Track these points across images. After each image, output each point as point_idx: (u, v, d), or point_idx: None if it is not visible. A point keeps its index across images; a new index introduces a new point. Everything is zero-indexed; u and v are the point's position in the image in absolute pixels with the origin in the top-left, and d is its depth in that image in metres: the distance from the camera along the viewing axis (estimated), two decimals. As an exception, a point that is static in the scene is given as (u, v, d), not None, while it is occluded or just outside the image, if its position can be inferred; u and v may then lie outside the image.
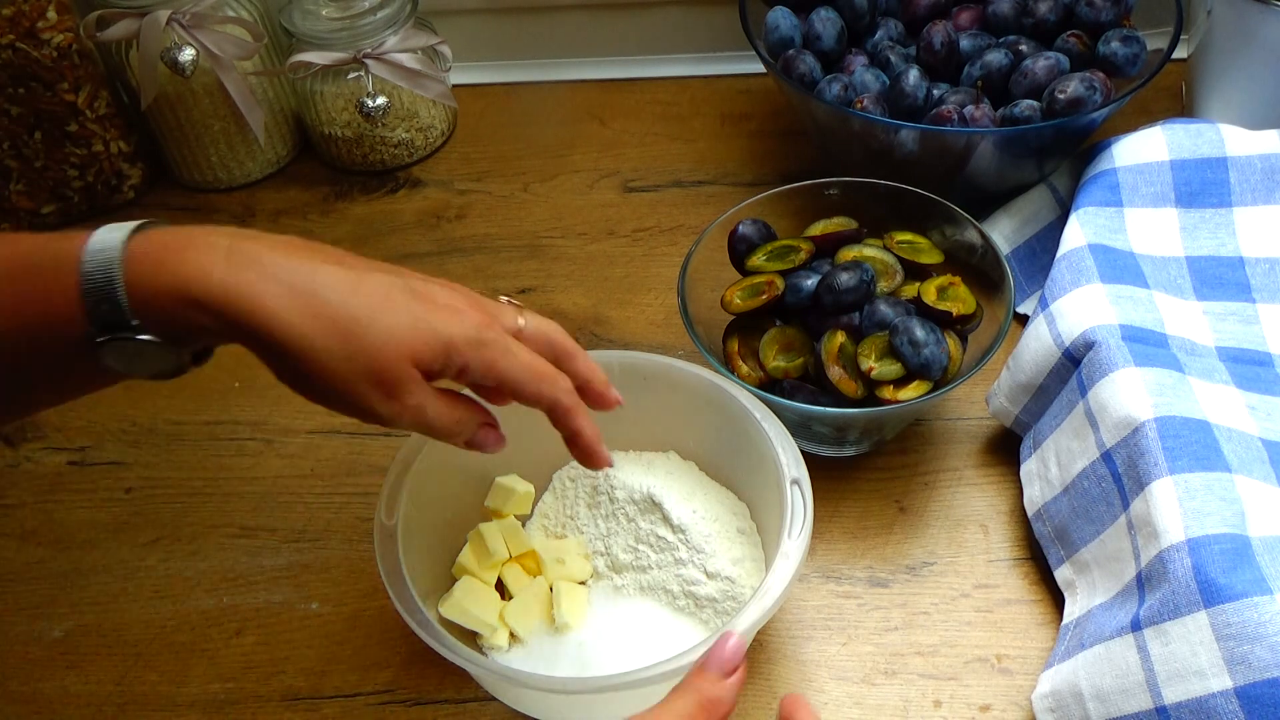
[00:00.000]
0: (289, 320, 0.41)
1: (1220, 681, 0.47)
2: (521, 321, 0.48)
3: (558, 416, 0.48)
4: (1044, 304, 0.64)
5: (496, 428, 0.48)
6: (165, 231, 0.42)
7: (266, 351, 0.42)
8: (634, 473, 0.63)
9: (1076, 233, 0.66)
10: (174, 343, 0.42)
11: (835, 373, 0.62)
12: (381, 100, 0.87)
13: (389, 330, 0.42)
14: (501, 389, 0.47)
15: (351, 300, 0.42)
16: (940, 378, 0.62)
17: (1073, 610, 0.58)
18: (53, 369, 0.44)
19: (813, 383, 0.64)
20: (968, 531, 0.65)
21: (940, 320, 0.63)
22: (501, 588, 0.61)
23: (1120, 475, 0.55)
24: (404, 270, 0.46)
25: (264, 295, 0.41)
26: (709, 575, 0.59)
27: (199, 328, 0.41)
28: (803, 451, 0.68)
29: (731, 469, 0.64)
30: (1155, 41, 0.75)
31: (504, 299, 0.50)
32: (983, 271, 0.66)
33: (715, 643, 0.43)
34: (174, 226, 0.43)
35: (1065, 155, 0.75)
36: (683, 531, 0.60)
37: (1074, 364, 0.61)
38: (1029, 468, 0.63)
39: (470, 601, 0.58)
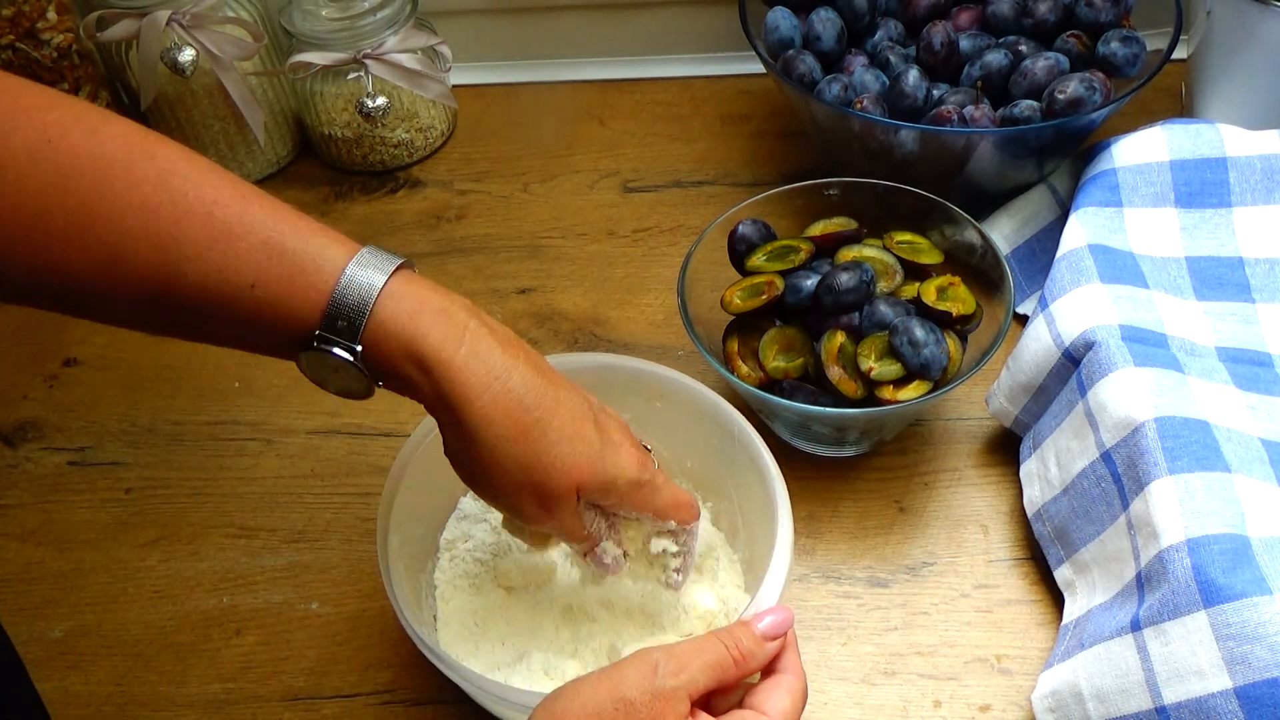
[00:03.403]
0: (490, 415, 0.45)
1: (1220, 681, 0.47)
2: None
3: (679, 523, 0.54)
4: (1044, 304, 0.64)
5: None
6: (425, 287, 0.45)
7: (456, 429, 0.46)
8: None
9: (1076, 233, 0.66)
10: (372, 377, 0.45)
11: (835, 373, 0.62)
12: (381, 100, 0.87)
13: (569, 457, 0.47)
14: (643, 515, 0.53)
15: (550, 420, 0.46)
16: (940, 378, 0.62)
17: (1072, 610, 0.58)
18: (243, 335, 0.45)
19: (813, 383, 0.64)
20: (968, 531, 0.65)
21: (940, 320, 0.63)
22: None
23: (1120, 475, 0.55)
24: (582, 391, 0.50)
25: (481, 389, 0.45)
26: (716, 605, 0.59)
27: (405, 378, 0.45)
28: (803, 451, 0.69)
29: (716, 475, 0.63)
30: (1155, 41, 0.75)
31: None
32: (982, 271, 0.66)
33: (769, 609, 0.47)
34: (430, 283, 0.46)
35: (1065, 155, 0.75)
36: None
37: (1074, 364, 0.61)
38: (1029, 468, 0.63)
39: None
